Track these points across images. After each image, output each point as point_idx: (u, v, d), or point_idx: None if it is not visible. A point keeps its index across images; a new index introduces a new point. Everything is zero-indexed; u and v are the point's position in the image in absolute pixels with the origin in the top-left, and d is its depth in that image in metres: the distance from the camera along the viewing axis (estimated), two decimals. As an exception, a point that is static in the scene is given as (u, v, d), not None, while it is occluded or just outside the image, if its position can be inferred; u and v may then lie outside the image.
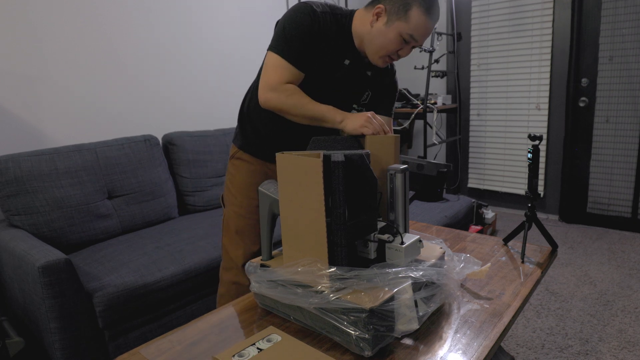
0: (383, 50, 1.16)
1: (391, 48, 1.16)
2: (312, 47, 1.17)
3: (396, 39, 1.13)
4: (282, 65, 1.16)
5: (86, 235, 1.93)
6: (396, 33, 1.12)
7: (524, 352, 1.78)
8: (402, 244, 0.94)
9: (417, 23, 1.11)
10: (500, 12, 3.31)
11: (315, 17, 1.15)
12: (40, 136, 2.09)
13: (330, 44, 1.19)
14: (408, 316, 0.88)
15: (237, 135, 1.42)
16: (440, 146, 3.69)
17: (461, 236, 1.48)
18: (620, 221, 3.10)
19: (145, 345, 0.92)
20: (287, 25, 1.16)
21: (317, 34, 1.17)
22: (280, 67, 1.16)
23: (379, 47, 1.16)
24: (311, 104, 1.16)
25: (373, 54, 1.19)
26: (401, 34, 1.12)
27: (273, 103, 1.17)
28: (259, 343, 0.85)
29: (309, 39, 1.16)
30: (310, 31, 1.15)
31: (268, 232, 1.06)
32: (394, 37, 1.13)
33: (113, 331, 1.58)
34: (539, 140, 1.21)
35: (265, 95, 1.17)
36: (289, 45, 1.15)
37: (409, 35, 1.12)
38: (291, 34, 1.15)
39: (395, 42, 1.14)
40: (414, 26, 1.11)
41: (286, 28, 1.16)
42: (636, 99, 2.91)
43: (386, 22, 1.13)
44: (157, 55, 2.49)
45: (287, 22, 1.16)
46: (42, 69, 2.07)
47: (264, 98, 1.18)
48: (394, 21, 1.12)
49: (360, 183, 0.92)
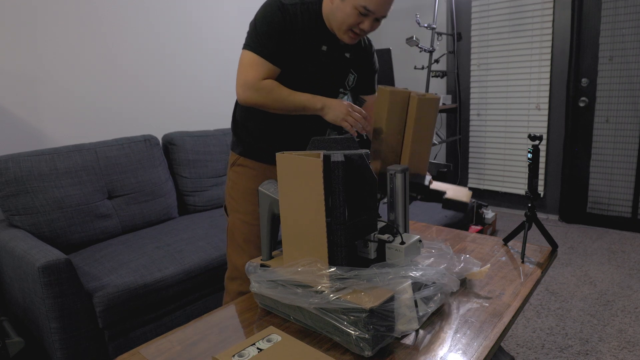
0: (344, 25, 1.18)
1: (351, 22, 1.16)
2: (286, 41, 1.19)
3: (353, 12, 1.15)
4: (258, 62, 1.18)
5: (86, 235, 1.93)
6: (351, 6, 1.14)
7: (524, 352, 1.78)
8: (402, 244, 0.94)
9: None
10: (500, 12, 3.31)
11: (285, 11, 1.18)
12: (40, 136, 2.09)
13: (305, 34, 1.21)
14: (408, 316, 0.88)
15: (234, 144, 1.42)
16: (440, 146, 3.69)
17: (461, 236, 1.48)
18: (620, 221, 3.10)
19: (145, 345, 0.92)
20: (258, 22, 1.19)
21: (289, 27, 1.19)
22: (255, 64, 1.18)
23: (340, 23, 1.18)
24: (291, 96, 1.19)
25: (337, 30, 1.21)
26: (355, 6, 1.13)
27: (253, 100, 1.20)
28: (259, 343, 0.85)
29: (281, 34, 1.18)
30: (281, 26, 1.18)
31: (268, 232, 1.06)
32: (350, 11, 1.14)
33: (113, 331, 1.58)
34: (539, 140, 1.21)
35: (244, 94, 1.19)
36: (262, 42, 1.18)
37: (363, 7, 1.13)
38: (263, 30, 1.18)
39: (352, 16, 1.15)
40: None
41: (258, 25, 1.18)
42: (636, 99, 2.91)
43: None
44: (157, 55, 2.49)
45: (259, 20, 1.19)
46: (42, 69, 2.06)
47: (243, 96, 1.20)
48: None
49: (360, 183, 0.92)
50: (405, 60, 3.74)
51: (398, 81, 3.44)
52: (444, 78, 3.64)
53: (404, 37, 3.23)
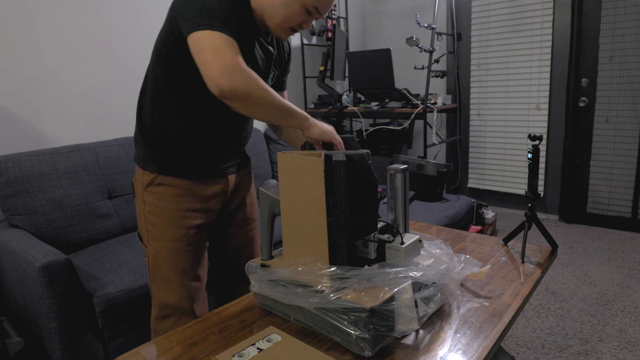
0: (287, 23, 1.09)
1: (296, 20, 1.09)
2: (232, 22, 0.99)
3: (300, 11, 1.08)
4: (229, 42, 0.94)
5: (86, 235, 1.93)
6: (300, 5, 1.06)
7: (524, 352, 1.78)
8: (402, 244, 0.94)
9: None
10: (500, 12, 3.32)
11: None
12: (40, 136, 2.09)
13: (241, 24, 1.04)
14: (408, 316, 0.88)
15: (144, 160, 1.17)
16: (440, 146, 3.69)
17: (461, 236, 1.48)
18: (620, 221, 3.10)
19: (145, 345, 0.92)
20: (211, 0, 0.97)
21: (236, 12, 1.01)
22: (228, 45, 0.93)
23: (282, 20, 1.08)
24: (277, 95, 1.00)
25: (276, 26, 1.09)
26: (305, 5, 1.07)
27: (241, 87, 0.92)
28: (259, 343, 0.85)
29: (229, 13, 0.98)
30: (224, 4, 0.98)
31: (268, 232, 1.06)
32: (298, 9, 1.07)
33: (113, 331, 1.58)
34: (539, 140, 1.21)
35: (229, 79, 0.91)
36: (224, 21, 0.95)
37: (314, 7, 1.07)
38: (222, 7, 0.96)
39: (299, 14, 1.08)
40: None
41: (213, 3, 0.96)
42: (636, 99, 2.91)
43: None
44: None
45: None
46: (42, 69, 2.06)
47: (228, 82, 0.91)
48: None
49: (361, 183, 0.92)
50: (405, 60, 3.74)
51: (398, 81, 3.44)
52: (444, 78, 3.64)
53: (404, 37, 3.23)
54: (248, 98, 0.94)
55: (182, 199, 1.16)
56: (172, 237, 1.16)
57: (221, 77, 0.91)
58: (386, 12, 3.87)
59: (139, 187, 1.19)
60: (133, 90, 2.41)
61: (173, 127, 1.12)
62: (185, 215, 1.17)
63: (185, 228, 1.17)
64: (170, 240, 1.16)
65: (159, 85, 1.11)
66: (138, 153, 1.20)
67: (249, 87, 0.93)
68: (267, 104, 0.98)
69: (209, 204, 1.21)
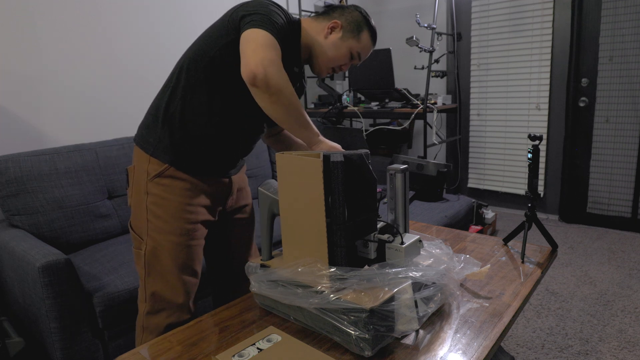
0: (333, 63, 1.22)
1: (341, 62, 1.22)
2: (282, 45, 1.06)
3: (347, 54, 1.22)
4: (276, 45, 1.01)
5: (86, 235, 1.93)
6: (348, 49, 1.21)
7: (524, 352, 1.78)
8: (402, 244, 0.94)
9: (366, 44, 1.23)
10: (500, 12, 3.32)
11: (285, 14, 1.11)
12: (40, 136, 2.09)
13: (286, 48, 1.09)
14: (408, 316, 0.88)
15: (155, 146, 1.14)
16: (440, 146, 3.69)
17: (461, 236, 1.48)
18: (620, 221, 3.10)
19: (145, 345, 0.93)
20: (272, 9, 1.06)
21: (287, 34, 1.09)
22: (275, 47, 1.00)
23: (330, 59, 1.21)
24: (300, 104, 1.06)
25: (323, 64, 1.22)
26: (351, 50, 1.21)
27: (273, 80, 0.97)
28: (259, 343, 0.85)
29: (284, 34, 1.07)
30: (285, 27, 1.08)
31: (268, 232, 1.06)
32: (345, 52, 1.21)
33: (113, 331, 1.58)
34: (539, 140, 1.21)
35: (265, 69, 0.96)
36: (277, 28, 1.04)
37: (358, 53, 1.23)
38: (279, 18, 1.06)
39: (345, 57, 1.22)
40: (363, 46, 1.23)
41: (272, 12, 1.05)
42: (636, 99, 2.91)
43: (341, 37, 1.20)
44: (157, 55, 2.49)
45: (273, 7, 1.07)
46: (42, 68, 2.06)
47: (264, 71, 0.96)
48: (348, 38, 1.20)
49: (360, 183, 0.92)
50: (405, 60, 3.74)
51: (398, 81, 3.44)
52: (444, 78, 3.64)
53: (404, 37, 3.23)
54: (276, 93, 0.99)
55: (190, 193, 1.16)
56: (177, 230, 1.15)
57: (258, 66, 0.96)
58: (386, 12, 3.87)
59: (141, 176, 1.16)
60: (133, 90, 2.41)
61: (203, 125, 1.13)
62: (192, 210, 1.17)
63: (191, 223, 1.17)
64: (174, 234, 1.15)
65: (197, 80, 1.11)
66: (148, 139, 1.15)
67: (279, 83, 0.98)
68: (291, 106, 1.02)
69: (213, 202, 1.23)
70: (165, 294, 1.17)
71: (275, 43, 1.01)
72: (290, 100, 1.01)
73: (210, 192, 1.20)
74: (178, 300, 1.17)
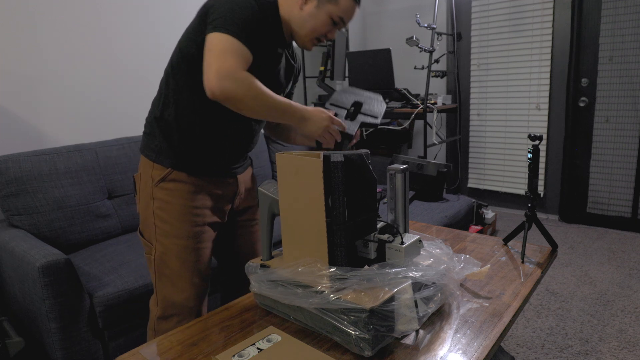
0: (314, 33, 1.16)
1: (322, 30, 1.16)
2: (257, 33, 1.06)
3: (327, 21, 1.15)
4: (238, 48, 0.99)
5: (86, 235, 1.93)
6: (327, 15, 1.14)
7: (524, 352, 1.78)
8: (402, 244, 0.94)
9: (346, 7, 1.15)
10: (500, 12, 3.31)
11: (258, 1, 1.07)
12: (40, 136, 2.09)
13: (267, 32, 1.10)
14: (408, 316, 0.88)
15: (158, 153, 1.16)
16: (440, 146, 3.69)
17: (461, 236, 1.48)
18: (620, 221, 3.10)
19: (145, 345, 0.92)
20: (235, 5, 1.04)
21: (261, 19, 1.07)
22: (235, 51, 0.99)
23: (310, 30, 1.15)
24: (273, 95, 1.05)
25: (304, 36, 1.17)
26: (331, 16, 1.14)
27: (228, 93, 0.97)
28: (259, 343, 0.85)
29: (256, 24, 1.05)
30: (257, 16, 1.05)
31: (268, 232, 1.06)
32: (325, 19, 1.14)
33: (113, 331, 1.58)
34: (539, 140, 1.21)
35: (219, 84, 0.96)
36: (241, 26, 1.01)
37: (339, 17, 1.15)
38: (243, 14, 1.02)
39: (326, 25, 1.15)
40: (343, 9, 1.15)
41: (235, 8, 1.03)
42: (636, 99, 2.91)
43: (316, 5, 1.13)
44: (157, 54, 2.49)
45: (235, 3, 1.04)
46: (42, 69, 2.06)
47: (218, 87, 0.96)
48: (325, 4, 1.13)
49: (360, 183, 0.92)
50: (405, 60, 3.74)
51: (398, 81, 3.44)
52: (444, 78, 3.64)
53: (404, 37, 3.22)
54: (238, 101, 0.99)
55: (194, 196, 1.16)
56: (183, 234, 1.15)
57: (212, 81, 0.97)
58: (386, 12, 3.87)
59: (147, 183, 1.17)
60: (133, 90, 2.41)
61: (198, 123, 1.14)
62: (197, 212, 1.17)
63: (197, 225, 1.17)
64: (181, 237, 1.15)
65: (185, 82, 1.12)
66: (150, 146, 1.18)
67: (237, 92, 0.98)
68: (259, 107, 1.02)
69: (220, 203, 1.22)
70: (176, 298, 1.17)
71: (234, 45, 0.99)
72: (256, 102, 1.01)
73: (215, 193, 1.20)
74: (189, 304, 1.18)
